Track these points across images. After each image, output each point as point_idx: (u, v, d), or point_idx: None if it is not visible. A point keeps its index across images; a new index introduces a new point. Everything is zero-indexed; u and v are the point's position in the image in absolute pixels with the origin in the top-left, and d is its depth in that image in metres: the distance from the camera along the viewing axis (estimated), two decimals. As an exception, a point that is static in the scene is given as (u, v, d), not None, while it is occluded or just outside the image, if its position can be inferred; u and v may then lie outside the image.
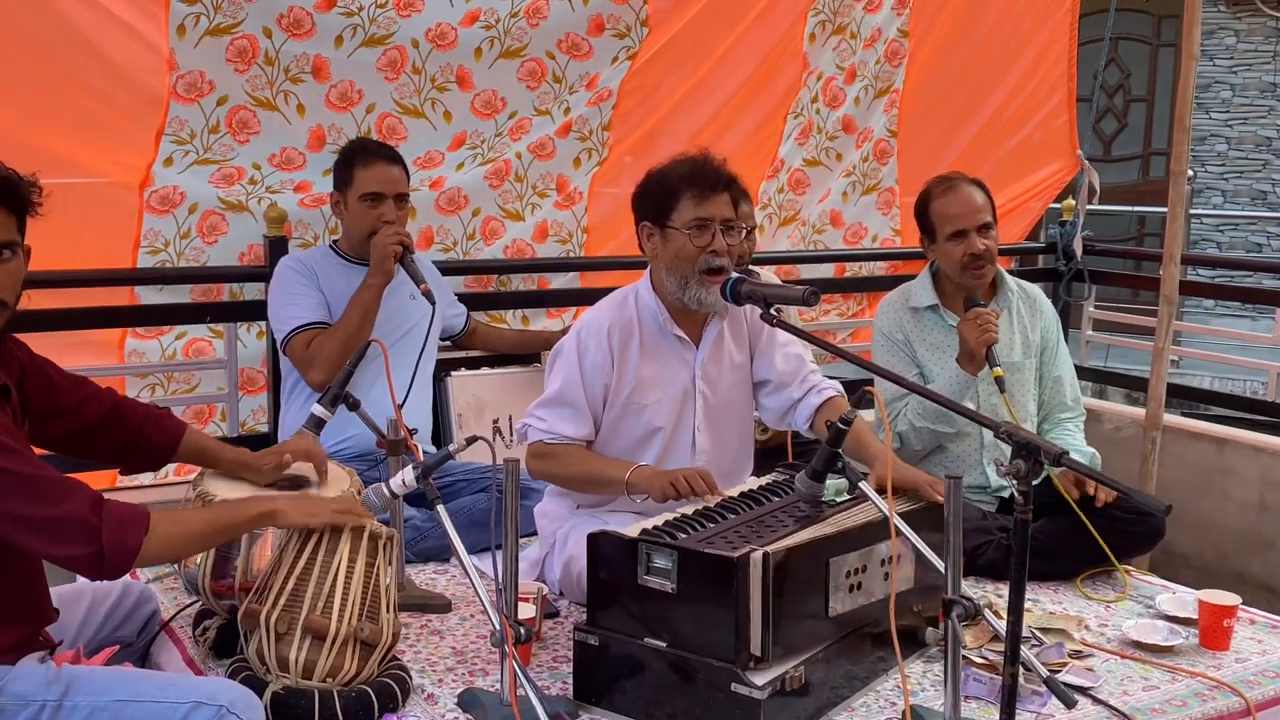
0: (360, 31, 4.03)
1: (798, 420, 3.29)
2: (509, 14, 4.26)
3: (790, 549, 2.49)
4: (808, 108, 5.07)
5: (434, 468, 2.61)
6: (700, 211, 3.06)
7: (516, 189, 4.51)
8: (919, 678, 2.78)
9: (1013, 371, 3.70)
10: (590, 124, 4.58)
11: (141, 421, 2.73)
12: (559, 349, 3.22)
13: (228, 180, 4.00)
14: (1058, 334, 3.86)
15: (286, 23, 3.92)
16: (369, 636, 2.48)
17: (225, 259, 4.05)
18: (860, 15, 5.05)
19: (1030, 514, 2.21)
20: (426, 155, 4.30)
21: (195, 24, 3.77)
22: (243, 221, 4.02)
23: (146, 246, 3.93)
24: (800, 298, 2.87)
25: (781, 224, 5.18)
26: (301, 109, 4.04)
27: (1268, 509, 5.00)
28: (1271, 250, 11.68)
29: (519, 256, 4.61)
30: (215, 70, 3.85)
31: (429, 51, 4.17)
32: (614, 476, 3.06)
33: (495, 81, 4.34)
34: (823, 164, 5.25)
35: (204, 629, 2.82)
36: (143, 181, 3.86)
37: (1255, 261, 11.03)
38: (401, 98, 4.20)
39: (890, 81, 5.29)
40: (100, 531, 2.24)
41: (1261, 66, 11.72)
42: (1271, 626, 3.14)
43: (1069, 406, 3.82)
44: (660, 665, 2.50)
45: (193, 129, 3.88)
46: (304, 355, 3.61)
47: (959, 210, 3.64)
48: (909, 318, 3.76)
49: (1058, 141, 5.70)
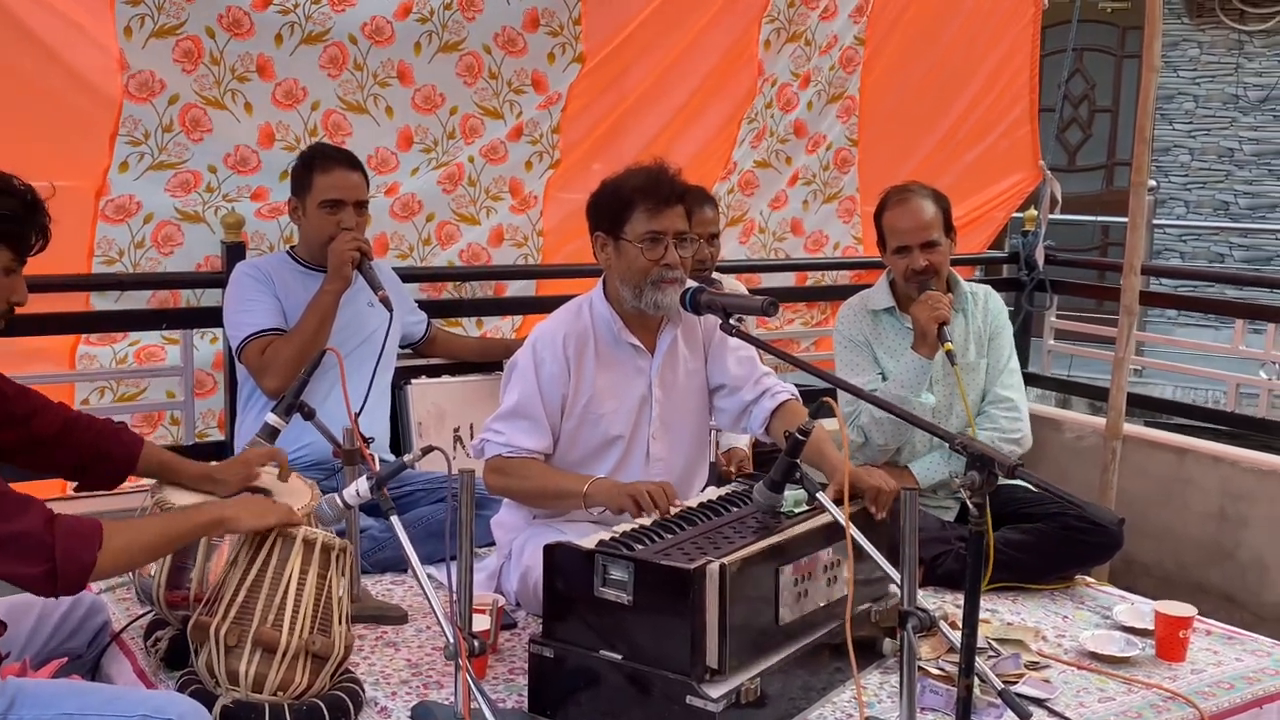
0: (298, 29, 4.02)
1: (753, 424, 3.28)
2: (442, 5, 4.26)
3: (745, 559, 2.48)
4: (762, 113, 5.08)
5: (389, 478, 2.59)
6: (653, 225, 3.04)
7: (470, 193, 4.50)
8: (876, 689, 2.77)
9: (967, 372, 3.73)
10: (541, 127, 4.58)
11: (97, 436, 2.69)
12: (514, 362, 3.20)
13: (185, 187, 3.97)
14: (1005, 322, 3.88)
15: (227, 22, 3.92)
16: (320, 649, 2.45)
17: (181, 269, 4.02)
18: (815, 22, 5.05)
19: (985, 525, 2.20)
20: (378, 155, 4.28)
21: (141, 25, 3.76)
22: (198, 232, 3.99)
23: (100, 256, 3.88)
24: (760, 307, 2.87)
25: (729, 224, 5.18)
26: (249, 107, 4.03)
27: (1227, 519, 5.03)
28: (1234, 261, 11.78)
29: (474, 261, 4.58)
30: (164, 70, 3.83)
31: (369, 48, 4.17)
32: (572, 489, 3.03)
33: (435, 76, 4.34)
34: (772, 166, 5.27)
35: (155, 640, 2.78)
36: (99, 189, 3.82)
37: (1215, 273, 11.11)
38: (345, 94, 4.19)
39: (843, 88, 5.31)
40: (54, 548, 2.20)
41: (1224, 78, 11.82)
42: (1227, 637, 3.15)
43: (999, 397, 3.80)
44: (616, 678, 2.48)
45: (146, 129, 3.85)
46: (259, 362, 3.58)
47: (906, 226, 3.67)
48: (868, 320, 3.79)
49: (1020, 152, 5.73)
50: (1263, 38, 11.56)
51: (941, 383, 3.74)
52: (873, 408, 3.59)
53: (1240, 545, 4.99)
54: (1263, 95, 11.64)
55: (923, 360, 3.58)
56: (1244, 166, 11.81)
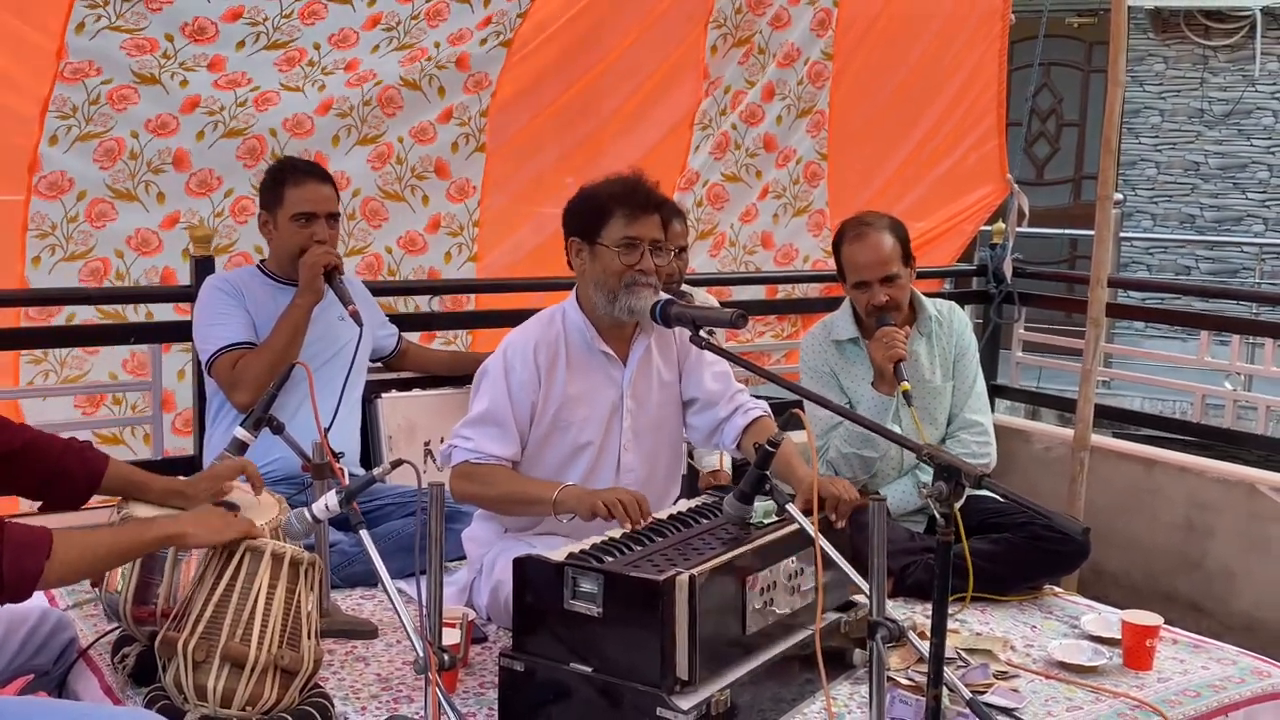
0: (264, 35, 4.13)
1: (725, 440, 3.29)
2: (409, 17, 4.35)
3: (715, 571, 2.49)
4: (716, 119, 5.10)
5: (357, 492, 2.57)
6: (630, 231, 3.06)
7: (396, 170, 4.55)
8: (846, 699, 2.78)
9: (933, 395, 3.75)
10: (470, 110, 4.62)
11: (60, 455, 2.66)
12: (484, 369, 3.20)
13: (110, 156, 4.04)
14: (970, 341, 3.88)
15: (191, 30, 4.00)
16: (289, 664, 2.43)
17: (113, 244, 4.09)
18: (768, 31, 5.07)
19: (952, 536, 2.22)
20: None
21: (96, 21, 3.83)
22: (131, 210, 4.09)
23: (34, 230, 3.93)
24: (729, 320, 2.88)
25: (699, 237, 5.20)
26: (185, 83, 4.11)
27: (1194, 529, 5.08)
28: (1200, 273, 11.90)
29: (410, 246, 4.61)
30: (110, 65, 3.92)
31: (329, 51, 4.26)
32: (541, 496, 3.02)
33: (374, 64, 4.41)
34: (742, 180, 5.31)
35: (123, 656, 2.76)
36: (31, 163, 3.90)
37: (1182, 285, 11.24)
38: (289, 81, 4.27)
39: (813, 102, 5.35)
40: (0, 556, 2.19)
41: (1190, 92, 11.96)
42: (1194, 646, 3.18)
43: (969, 421, 3.81)
44: (587, 690, 2.48)
45: (75, 103, 3.93)
46: (230, 376, 3.56)
47: (864, 261, 3.65)
48: (833, 351, 3.79)
49: (988, 165, 5.78)
50: (1227, 53, 11.70)
51: (907, 411, 3.75)
52: (840, 442, 3.62)
53: (1207, 555, 5.03)
54: (1227, 109, 11.78)
55: (884, 397, 3.58)
56: (1209, 180, 11.94)
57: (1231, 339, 5.59)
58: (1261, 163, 11.72)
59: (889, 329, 3.57)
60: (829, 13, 5.21)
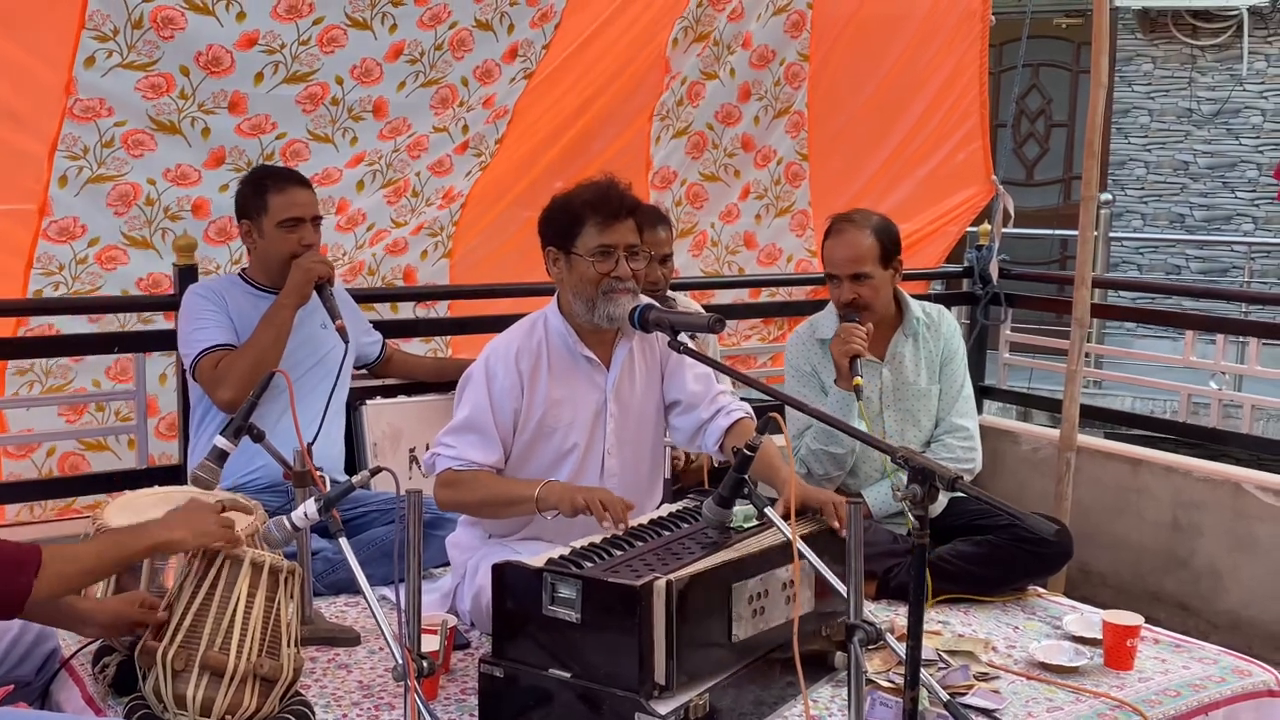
0: (283, 68, 4.03)
1: (707, 442, 3.29)
2: (433, 46, 4.26)
3: (694, 576, 2.50)
4: (674, 110, 5.08)
5: (336, 500, 2.57)
6: (604, 238, 3.06)
7: (411, 203, 4.54)
8: (827, 702, 2.78)
9: (917, 397, 3.76)
10: (487, 140, 4.61)
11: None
12: (467, 376, 3.20)
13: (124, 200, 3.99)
14: (958, 346, 3.88)
15: (205, 60, 3.90)
16: (269, 673, 2.44)
17: (122, 284, 4.05)
18: (723, 23, 5.05)
19: (927, 538, 2.22)
20: (324, 172, 4.29)
21: (107, 57, 3.74)
22: (145, 256, 4.00)
23: (39, 268, 3.89)
24: (706, 325, 2.90)
25: (679, 236, 5.21)
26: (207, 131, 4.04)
27: (1180, 528, 5.09)
28: (1190, 272, 11.90)
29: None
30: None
31: (354, 86, 4.18)
32: (523, 495, 3.02)
33: (407, 109, 4.35)
34: (721, 179, 5.33)
35: (104, 666, 2.76)
36: (41, 206, 3.83)
37: (1165, 285, 11.26)
38: (316, 127, 4.20)
39: (790, 102, 5.37)
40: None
41: (1178, 92, 11.96)
42: (1175, 645, 3.18)
43: (955, 426, 3.81)
44: (566, 696, 2.49)
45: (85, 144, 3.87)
46: (212, 375, 3.56)
47: (836, 256, 3.68)
48: (816, 350, 3.80)
49: (972, 166, 5.79)
50: (1214, 52, 11.71)
51: (893, 407, 3.76)
52: (810, 440, 3.63)
53: (1194, 554, 5.04)
54: (1216, 109, 11.78)
55: (846, 393, 3.58)
56: (1199, 179, 11.95)
57: (1217, 338, 5.59)
58: (1250, 161, 11.73)
59: (849, 325, 3.59)
60: (802, 14, 5.22)
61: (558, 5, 4.47)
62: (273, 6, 3.90)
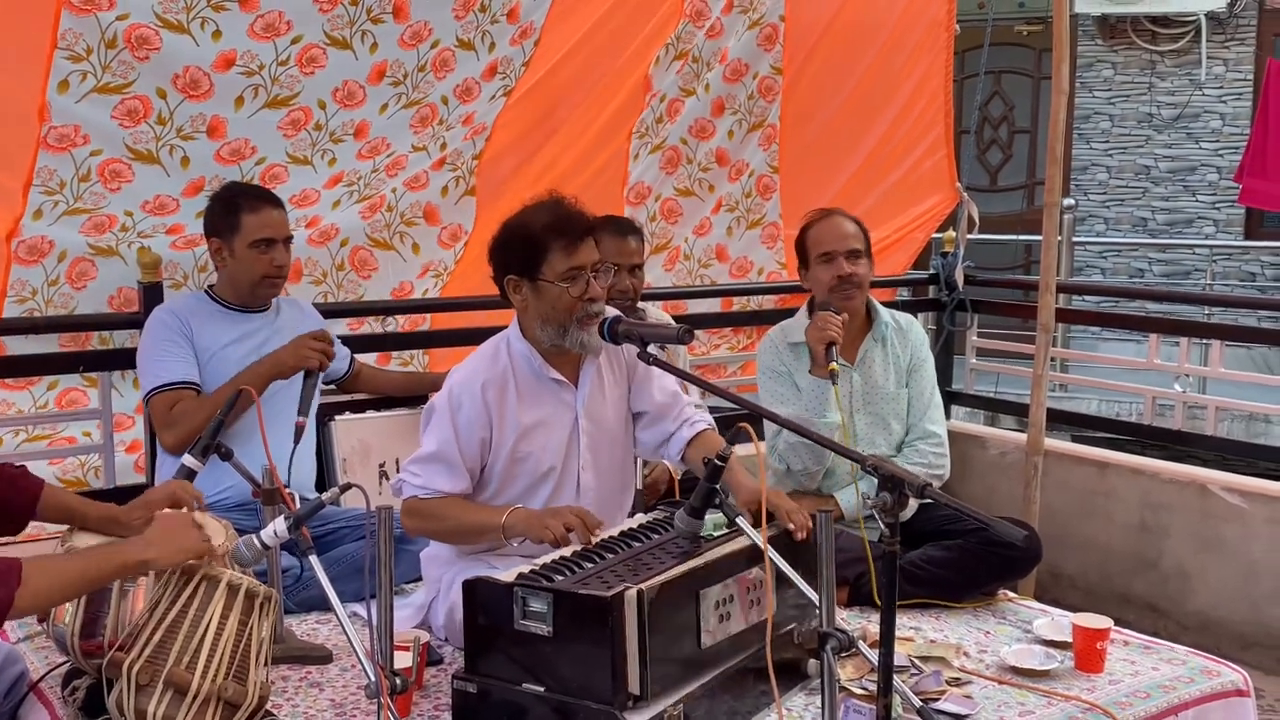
0: (263, 92, 3.97)
1: (670, 453, 3.30)
2: (416, 68, 4.23)
3: (664, 585, 2.50)
4: (653, 127, 5.08)
5: (306, 517, 2.56)
6: (572, 262, 3.04)
7: (386, 218, 4.49)
8: (801, 710, 2.79)
9: (886, 401, 3.81)
10: (464, 156, 4.58)
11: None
12: (431, 407, 3.19)
13: (99, 229, 3.92)
14: (926, 355, 3.93)
15: (183, 83, 3.83)
16: (233, 696, 2.41)
17: (95, 304, 3.97)
18: (702, 40, 5.07)
19: (898, 545, 2.24)
20: (302, 194, 4.25)
21: (81, 80, 3.66)
22: (112, 266, 3.94)
23: (13, 296, 3.83)
24: (676, 336, 2.91)
25: (653, 251, 5.22)
26: (186, 161, 3.97)
27: (1148, 530, 5.13)
28: (1153, 275, 12.02)
29: (399, 294, 4.59)
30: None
31: (336, 110, 4.13)
32: (489, 523, 3.02)
33: (388, 129, 4.31)
34: (695, 194, 5.32)
35: (73, 689, 2.74)
36: (10, 232, 3.77)
37: (1128, 289, 11.35)
38: (295, 150, 4.15)
39: (764, 116, 5.37)
40: None
41: (1139, 97, 12.08)
42: (1144, 647, 3.21)
43: (926, 432, 3.85)
44: (540, 710, 2.48)
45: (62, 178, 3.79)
46: (166, 417, 3.52)
47: (830, 235, 3.75)
48: (788, 352, 3.82)
49: (937, 174, 5.82)
50: (1174, 57, 11.84)
51: (863, 411, 3.79)
52: (789, 435, 3.65)
53: (1162, 555, 5.08)
54: (1176, 113, 11.91)
55: (822, 380, 3.61)
56: (1160, 183, 12.08)
57: (1181, 341, 5.65)
58: (1210, 165, 11.86)
59: (825, 314, 3.63)
60: (775, 27, 5.23)
61: (537, 22, 4.46)
62: (249, 24, 3.83)
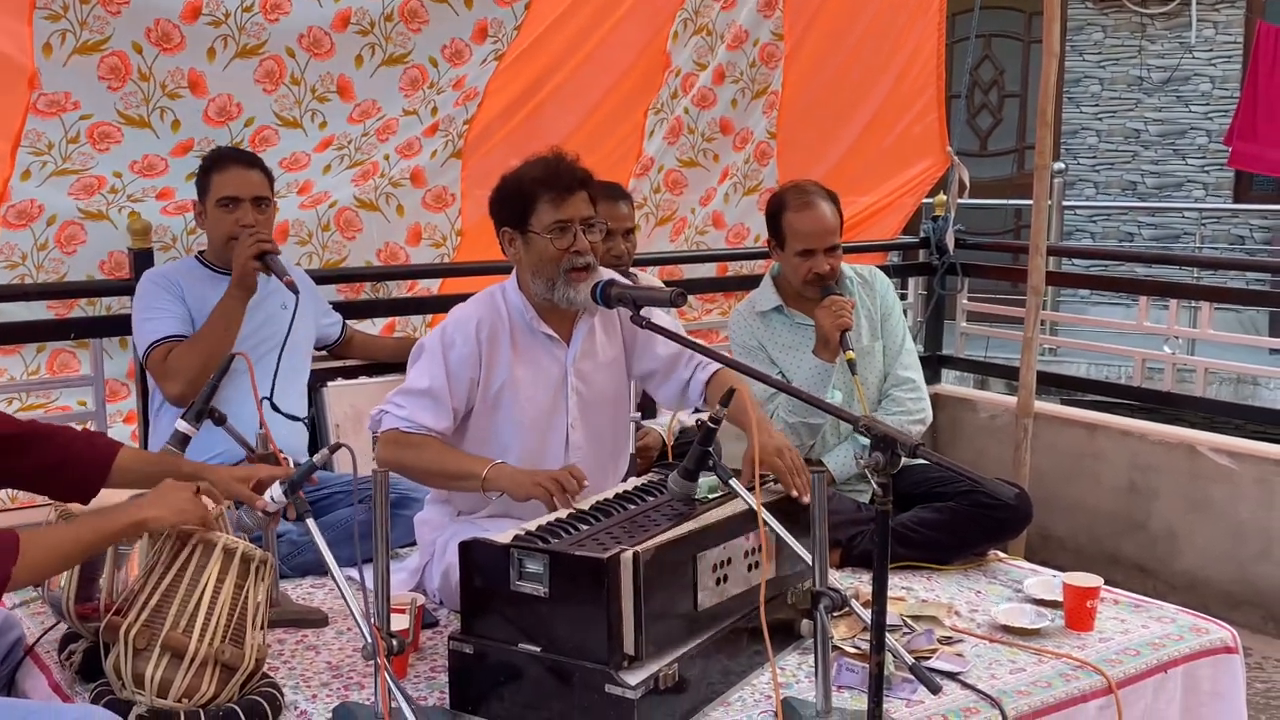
0: (231, 42, 3.95)
1: (692, 397, 3.30)
2: (383, 16, 4.19)
3: (660, 546, 2.51)
4: (668, 103, 5.07)
5: (301, 480, 2.58)
6: (559, 214, 3.05)
7: (375, 182, 4.47)
8: (795, 669, 2.81)
9: (863, 355, 3.80)
10: (455, 122, 4.55)
11: (68, 442, 2.63)
12: (421, 346, 3.19)
13: (88, 190, 3.91)
14: (893, 301, 3.94)
15: (155, 36, 3.82)
16: (230, 659, 2.43)
17: (85, 269, 3.96)
18: (716, 12, 5.06)
19: (890, 505, 2.25)
20: (292, 157, 4.23)
21: (62, 42, 3.66)
22: (101, 230, 3.93)
23: (3, 261, 3.82)
24: (668, 299, 2.91)
25: (659, 223, 5.21)
26: (177, 124, 3.96)
27: (1137, 491, 5.17)
28: (1143, 239, 12.04)
29: (393, 261, 4.56)
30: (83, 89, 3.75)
31: (307, 60, 4.11)
32: (471, 471, 3.00)
33: (375, 91, 4.29)
34: (700, 164, 5.29)
35: (70, 653, 2.75)
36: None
37: (1117, 251, 11.39)
38: (281, 109, 4.13)
39: (767, 83, 5.35)
40: None
41: (1129, 61, 12.07)
42: (1134, 606, 3.24)
43: (901, 378, 3.87)
44: (536, 670, 2.50)
45: (50, 140, 3.78)
46: (162, 368, 3.53)
47: (811, 230, 3.70)
48: (759, 323, 3.83)
49: (928, 138, 5.81)
50: (1163, 20, 11.82)
51: (842, 384, 3.80)
52: (784, 412, 3.66)
53: (1151, 516, 5.12)
54: (1165, 77, 11.90)
55: (825, 364, 3.62)
56: (1150, 147, 12.08)
57: (1170, 304, 5.67)
58: (1200, 128, 11.87)
59: (837, 298, 3.63)
60: None
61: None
62: None
